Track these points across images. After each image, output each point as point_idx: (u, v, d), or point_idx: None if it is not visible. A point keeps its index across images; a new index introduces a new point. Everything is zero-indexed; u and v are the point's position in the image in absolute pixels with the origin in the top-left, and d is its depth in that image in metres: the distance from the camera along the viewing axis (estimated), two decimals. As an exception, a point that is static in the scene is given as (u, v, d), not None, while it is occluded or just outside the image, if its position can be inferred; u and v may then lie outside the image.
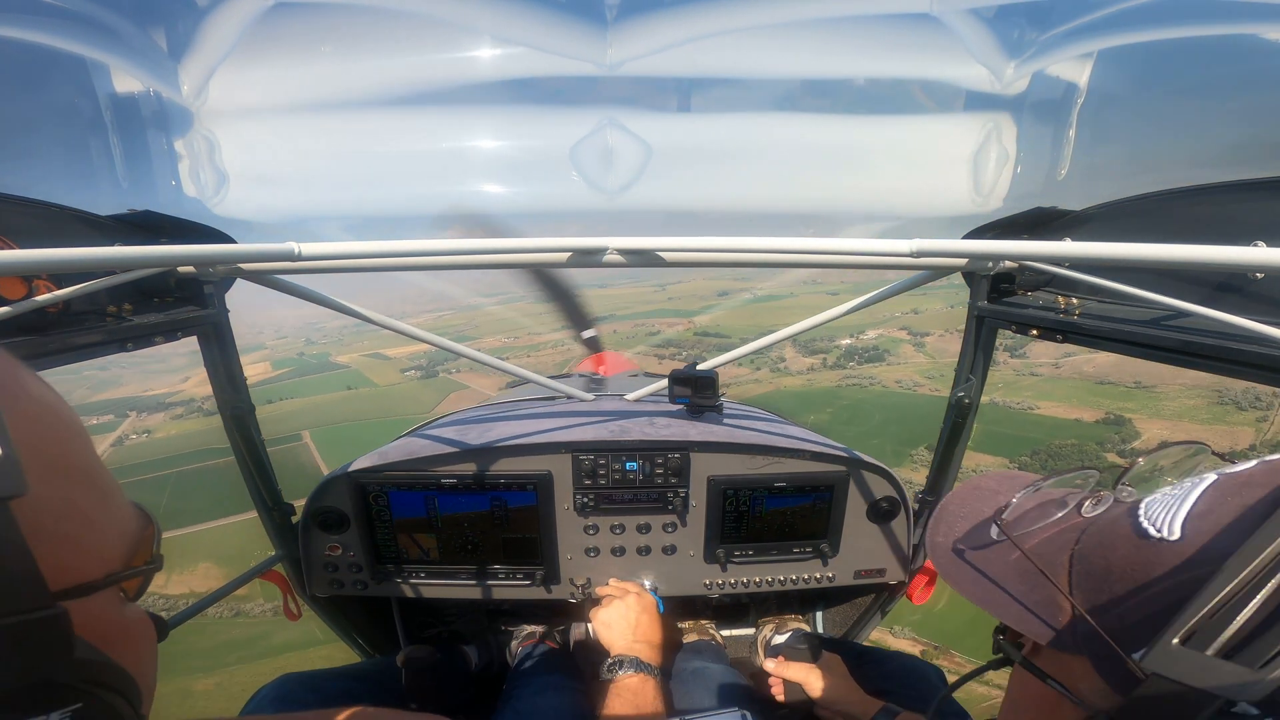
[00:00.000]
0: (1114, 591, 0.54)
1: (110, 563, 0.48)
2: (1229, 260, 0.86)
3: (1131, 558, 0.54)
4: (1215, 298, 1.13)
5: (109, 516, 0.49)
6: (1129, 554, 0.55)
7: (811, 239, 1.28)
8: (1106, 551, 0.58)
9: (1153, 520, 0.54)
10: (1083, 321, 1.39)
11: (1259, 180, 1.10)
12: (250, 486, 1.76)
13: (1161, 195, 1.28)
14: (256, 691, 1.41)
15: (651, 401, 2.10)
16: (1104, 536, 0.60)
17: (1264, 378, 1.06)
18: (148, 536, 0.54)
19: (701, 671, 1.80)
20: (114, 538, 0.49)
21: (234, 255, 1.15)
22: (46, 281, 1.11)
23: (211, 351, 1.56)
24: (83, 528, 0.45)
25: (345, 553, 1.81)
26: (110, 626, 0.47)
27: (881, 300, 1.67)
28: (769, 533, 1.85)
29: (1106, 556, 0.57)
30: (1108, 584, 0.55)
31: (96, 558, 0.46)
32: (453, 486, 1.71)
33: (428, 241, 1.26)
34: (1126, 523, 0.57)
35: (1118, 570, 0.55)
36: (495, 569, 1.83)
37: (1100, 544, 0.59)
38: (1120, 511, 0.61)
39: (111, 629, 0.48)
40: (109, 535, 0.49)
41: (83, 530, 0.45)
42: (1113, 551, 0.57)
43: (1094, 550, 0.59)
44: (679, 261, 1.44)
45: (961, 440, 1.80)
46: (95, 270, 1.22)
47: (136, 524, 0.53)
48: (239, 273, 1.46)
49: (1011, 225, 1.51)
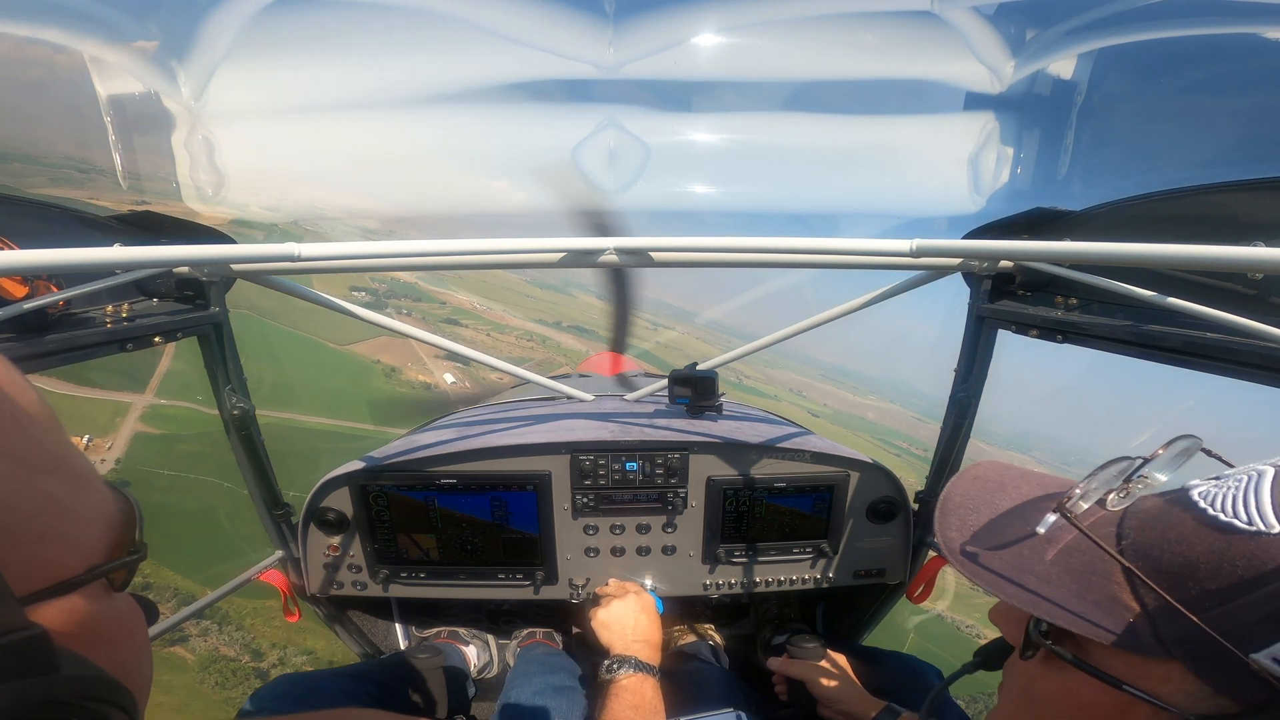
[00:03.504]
0: (1207, 588, 0.50)
1: (91, 555, 0.45)
2: (1229, 260, 0.85)
3: (1224, 552, 0.50)
4: (1215, 298, 1.13)
5: (86, 504, 0.46)
6: (1217, 548, 0.51)
7: (811, 239, 1.28)
8: (1180, 547, 0.54)
9: (1231, 512, 0.51)
10: (1082, 321, 1.39)
11: (1259, 180, 1.10)
12: (251, 487, 1.76)
13: (1161, 195, 1.28)
14: (256, 691, 1.41)
15: (651, 401, 2.10)
16: (1165, 530, 0.56)
17: (1264, 378, 1.06)
18: (129, 523, 0.51)
19: (700, 672, 1.80)
20: (93, 527, 0.46)
21: (234, 256, 1.15)
22: (47, 281, 1.11)
23: (211, 352, 1.56)
24: (58, 519, 0.42)
25: (345, 553, 1.81)
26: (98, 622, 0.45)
27: (882, 300, 1.67)
28: (769, 533, 1.85)
29: (1183, 552, 0.53)
30: (1195, 582, 0.51)
31: (76, 550, 0.44)
32: (452, 487, 1.71)
33: (427, 242, 1.26)
34: (1187, 514, 0.54)
35: (1206, 567, 0.51)
36: (495, 569, 1.83)
37: (1164, 539, 0.55)
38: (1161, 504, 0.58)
39: (99, 625, 0.45)
40: (88, 525, 0.46)
41: (58, 522, 0.42)
42: (1190, 547, 0.53)
43: (1158, 546, 0.55)
44: (678, 262, 1.44)
45: (961, 440, 1.80)
46: (95, 270, 1.22)
47: (116, 510, 0.50)
48: (239, 273, 1.46)
49: (1011, 225, 1.51)
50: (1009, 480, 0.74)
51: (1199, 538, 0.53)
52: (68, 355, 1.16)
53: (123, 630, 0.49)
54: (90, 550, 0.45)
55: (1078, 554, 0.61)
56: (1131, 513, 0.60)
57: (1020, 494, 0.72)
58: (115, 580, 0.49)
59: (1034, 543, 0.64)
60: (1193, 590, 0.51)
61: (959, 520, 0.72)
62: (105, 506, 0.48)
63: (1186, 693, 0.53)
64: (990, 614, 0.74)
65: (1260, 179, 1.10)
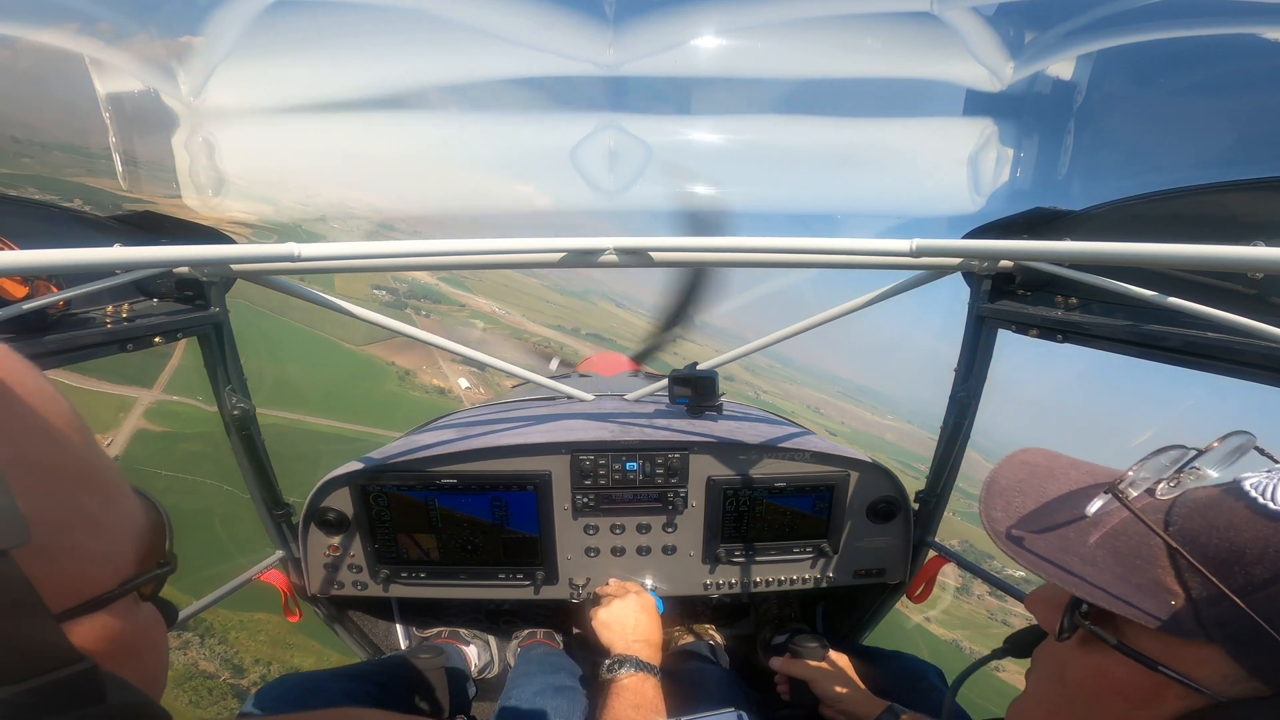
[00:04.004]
0: (1253, 574, 0.51)
1: (122, 568, 0.44)
2: (1229, 260, 0.85)
3: (1271, 539, 0.51)
4: (1215, 298, 1.13)
5: (116, 516, 0.45)
6: (1265, 535, 0.52)
7: (811, 239, 1.28)
8: (1229, 533, 0.54)
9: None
10: (1082, 321, 1.39)
11: (1259, 180, 1.10)
12: (251, 486, 1.76)
13: (1161, 195, 1.28)
14: (256, 691, 1.41)
15: (651, 401, 2.10)
16: (1213, 518, 0.56)
17: (1264, 377, 1.06)
18: (159, 533, 0.50)
19: (701, 671, 1.80)
20: (124, 539, 0.45)
21: (234, 256, 1.15)
22: (47, 281, 1.11)
23: (212, 352, 1.56)
24: (89, 534, 0.41)
25: (345, 553, 1.81)
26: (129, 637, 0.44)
27: (882, 300, 1.67)
28: (769, 533, 1.85)
29: (1231, 539, 0.54)
30: (1241, 567, 0.52)
31: (108, 564, 0.43)
32: (452, 486, 1.71)
33: (427, 242, 1.26)
34: (1238, 504, 0.55)
35: (1253, 553, 0.52)
36: (495, 569, 1.83)
37: (1211, 525, 0.56)
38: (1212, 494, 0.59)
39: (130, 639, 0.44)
40: (118, 537, 0.45)
41: (90, 538, 0.41)
42: (1239, 534, 0.54)
43: (1205, 532, 0.56)
44: (677, 262, 1.44)
45: (961, 440, 1.80)
46: (95, 271, 1.22)
47: (146, 520, 0.49)
48: (239, 273, 1.46)
49: (1011, 225, 1.51)
50: (1058, 467, 0.75)
51: (1248, 525, 0.53)
52: (68, 355, 1.16)
53: (149, 641, 0.48)
54: (121, 564, 0.44)
55: (1123, 538, 0.62)
56: (1181, 501, 0.61)
57: (1070, 480, 0.72)
58: (144, 591, 0.48)
59: (1080, 526, 0.65)
60: (1238, 575, 0.52)
61: (1005, 502, 0.72)
62: (134, 516, 0.48)
63: (1223, 675, 0.53)
64: (1027, 601, 0.75)
65: (1260, 179, 1.10)
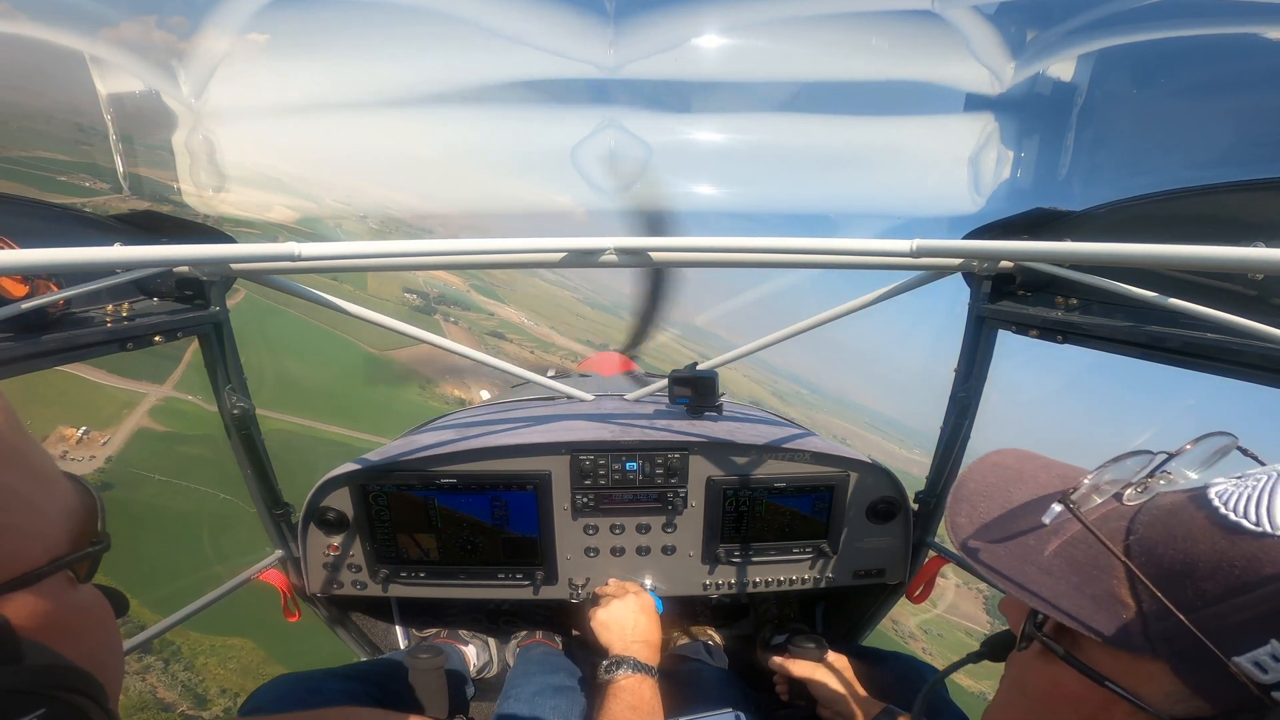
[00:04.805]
0: (1204, 589, 0.49)
1: (54, 547, 0.46)
2: (1229, 260, 0.85)
3: (1226, 552, 0.49)
4: (1215, 298, 1.13)
5: (46, 497, 0.46)
6: (1220, 548, 0.49)
7: (811, 239, 1.28)
8: (1184, 544, 0.52)
9: (1240, 512, 0.50)
10: (1083, 321, 1.39)
11: (1259, 180, 1.10)
12: (250, 486, 1.76)
13: (1161, 195, 1.28)
14: (255, 691, 1.41)
15: (651, 402, 2.10)
16: (1172, 528, 0.54)
17: (1264, 378, 1.06)
18: (91, 514, 0.51)
19: (699, 672, 1.79)
20: (55, 519, 0.47)
21: (234, 255, 1.15)
22: (47, 281, 1.11)
23: (211, 352, 1.56)
24: (19, 513, 0.43)
25: (345, 553, 1.81)
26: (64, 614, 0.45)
27: (882, 300, 1.67)
28: (768, 533, 1.84)
29: (1186, 550, 0.52)
30: (1192, 580, 0.50)
31: (38, 543, 0.44)
32: (452, 486, 1.71)
33: (428, 242, 1.26)
34: (1199, 513, 0.52)
35: (1205, 566, 0.50)
36: (495, 569, 1.83)
37: (1170, 535, 0.54)
38: (1178, 501, 0.56)
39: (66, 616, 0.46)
40: (49, 517, 0.46)
41: (19, 516, 0.43)
42: (1194, 545, 0.51)
43: (1163, 542, 0.54)
44: (677, 261, 1.44)
45: (961, 440, 1.80)
46: (95, 270, 1.22)
47: (78, 502, 0.50)
48: (239, 273, 1.46)
49: (1011, 225, 1.51)
50: (1028, 470, 0.72)
51: (1204, 536, 0.51)
52: (67, 355, 1.17)
53: (90, 621, 0.50)
54: (53, 543, 0.46)
55: (1081, 546, 0.60)
56: (1147, 508, 0.59)
57: (1038, 484, 0.70)
58: (80, 572, 0.49)
59: (1040, 534, 0.63)
60: (1187, 589, 0.50)
61: (970, 508, 0.71)
62: (66, 499, 0.49)
63: (1166, 693, 0.52)
64: (1000, 604, 0.73)
65: (1260, 179, 1.10)
